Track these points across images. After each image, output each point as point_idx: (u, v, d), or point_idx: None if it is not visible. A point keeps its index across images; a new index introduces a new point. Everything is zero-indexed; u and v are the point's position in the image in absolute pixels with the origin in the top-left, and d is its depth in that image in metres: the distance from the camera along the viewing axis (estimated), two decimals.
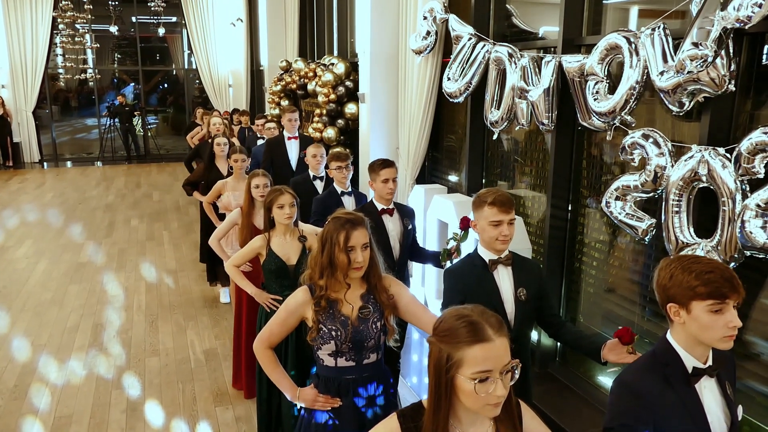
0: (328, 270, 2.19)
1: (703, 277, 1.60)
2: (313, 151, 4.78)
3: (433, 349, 1.44)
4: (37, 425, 3.85)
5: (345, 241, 2.17)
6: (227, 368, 4.48)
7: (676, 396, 1.65)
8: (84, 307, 5.79)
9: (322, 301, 2.23)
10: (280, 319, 2.32)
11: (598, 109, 3.42)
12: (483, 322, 1.41)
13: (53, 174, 13.68)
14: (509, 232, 2.48)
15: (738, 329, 1.61)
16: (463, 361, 1.38)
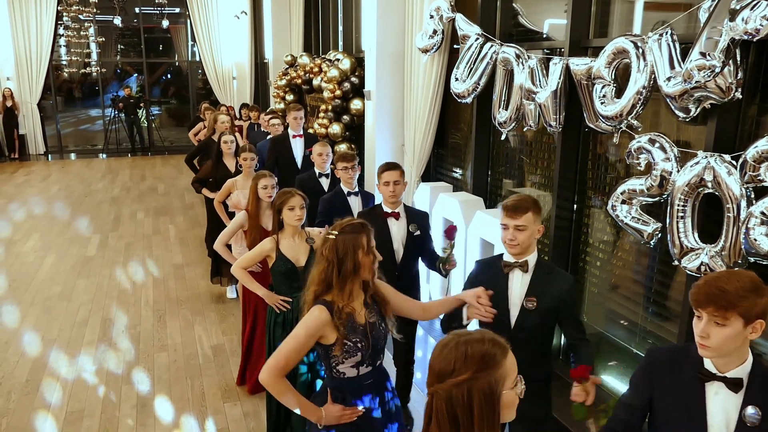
0: (341, 280, 2.19)
1: (695, 286, 1.68)
2: (319, 149, 4.82)
3: (475, 381, 1.37)
4: (50, 420, 3.92)
5: (368, 243, 2.22)
6: (235, 364, 4.54)
7: (680, 384, 1.74)
8: (92, 301, 5.86)
9: (344, 314, 2.22)
10: (299, 344, 2.18)
11: (605, 113, 3.45)
12: (487, 335, 1.45)
13: (58, 166, 13.73)
14: (514, 237, 2.52)
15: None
16: (506, 374, 1.41)
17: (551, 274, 2.55)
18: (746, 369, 1.70)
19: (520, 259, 2.55)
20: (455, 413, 1.36)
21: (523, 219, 2.49)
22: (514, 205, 2.52)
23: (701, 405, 1.73)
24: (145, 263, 6.97)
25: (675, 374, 1.78)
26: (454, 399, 1.36)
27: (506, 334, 2.63)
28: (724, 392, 1.71)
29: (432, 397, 1.40)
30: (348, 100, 7.12)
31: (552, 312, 2.55)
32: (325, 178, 4.89)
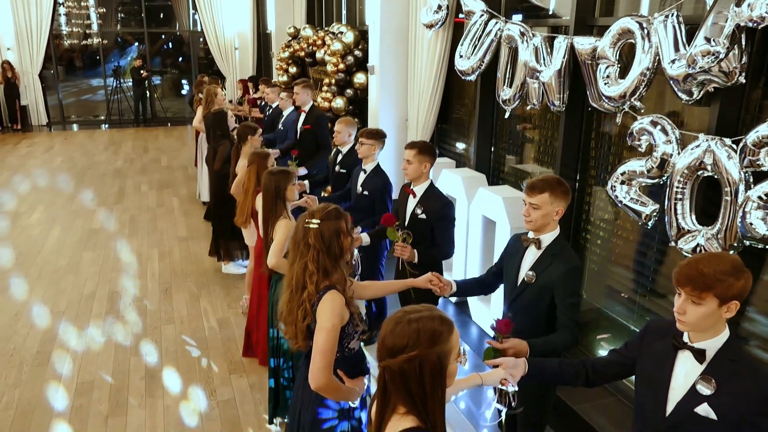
0: (333, 263, 2.25)
1: (678, 266, 1.82)
2: (337, 126, 4.87)
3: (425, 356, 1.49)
4: (61, 390, 4.03)
5: (347, 226, 2.31)
6: (240, 337, 4.64)
7: (661, 350, 1.94)
8: (99, 274, 5.94)
9: (349, 292, 2.30)
10: (334, 336, 2.21)
11: (608, 93, 3.47)
12: (435, 312, 1.57)
13: (61, 138, 13.73)
14: (528, 214, 2.62)
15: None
16: (452, 349, 1.55)
17: (557, 255, 2.61)
18: (715, 344, 1.84)
19: (537, 236, 2.64)
20: (408, 385, 1.51)
21: (538, 198, 2.56)
22: (532, 183, 2.61)
23: (670, 369, 1.91)
24: (150, 236, 7.04)
25: (660, 341, 1.96)
26: (406, 372, 1.50)
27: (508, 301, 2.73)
28: (690, 361, 1.87)
29: (384, 371, 1.53)
30: (351, 74, 7.10)
31: (547, 290, 2.61)
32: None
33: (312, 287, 2.22)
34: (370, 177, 4.26)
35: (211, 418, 3.74)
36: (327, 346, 2.18)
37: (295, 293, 2.26)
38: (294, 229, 2.33)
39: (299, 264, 2.25)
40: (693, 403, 1.85)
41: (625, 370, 2.13)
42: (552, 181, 2.61)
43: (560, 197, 2.59)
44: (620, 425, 3.64)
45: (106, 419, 3.73)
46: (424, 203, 3.61)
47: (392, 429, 1.53)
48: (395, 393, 1.53)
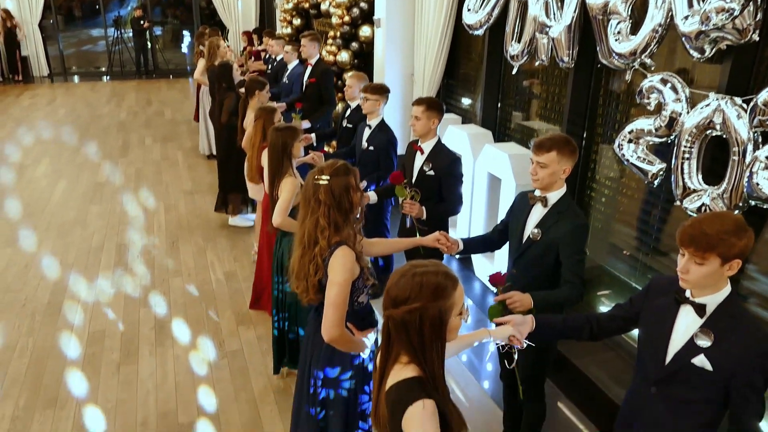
0: (343, 219, 2.28)
1: (682, 226, 1.85)
2: (349, 81, 4.84)
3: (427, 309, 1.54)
4: (74, 339, 4.13)
5: (356, 182, 2.33)
6: (247, 290, 4.72)
7: (663, 304, 2.00)
8: (106, 227, 6.00)
9: (359, 246, 2.34)
10: (346, 291, 2.25)
11: (618, 50, 3.43)
12: (441, 268, 1.61)
13: (63, 89, 13.62)
14: (535, 172, 2.63)
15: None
16: (454, 304, 1.59)
17: (563, 213, 2.62)
18: (716, 299, 1.89)
19: (544, 194, 2.66)
20: (408, 335, 1.56)
21: (545, 157, 2.57)
22: (539, 142, 2.61)
23: (671, 323, 1.97)
24: (156, 190, 7.07)
25: (663, 297, 2.02)
26: (408, 323, 1.55)
27: (512, 258, 2.78)
28: (691, 315, 1.93)
29: (387, 320, 1.59)
30: (357, 27, 6.98)
31: (553, 247, 2.64)
32: None
33: (324, 242, 2.25)
34: (374, 132, 4.26)
35: (220, 367, 3.84)
36: (339, 300, 2.23)
37: (308, 249, 2.30)
38: (304, 186, 2.34)
39: (311, 220, 2.29)
40: (690, 354, 1.92)
41: (628, 324, 2.19)
42: (560, 139, 2.60)
43: (567, 156, 2.59)
44: (618, 379, 3.73)
45: (118, 367, 3.84)
46: (432, 159, 3.62)
47: (394, 377, 1.60)
48: (398, 342, 1.59)
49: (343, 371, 2.41)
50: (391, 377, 1.60)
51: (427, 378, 1.57)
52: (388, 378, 1.61)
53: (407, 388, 1.55)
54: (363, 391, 2.46)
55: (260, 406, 3.47)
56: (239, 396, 3.57)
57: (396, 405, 1.55)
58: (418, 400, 1.52)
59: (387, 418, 1.59)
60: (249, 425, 3.34)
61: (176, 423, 3.35)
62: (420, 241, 2.88)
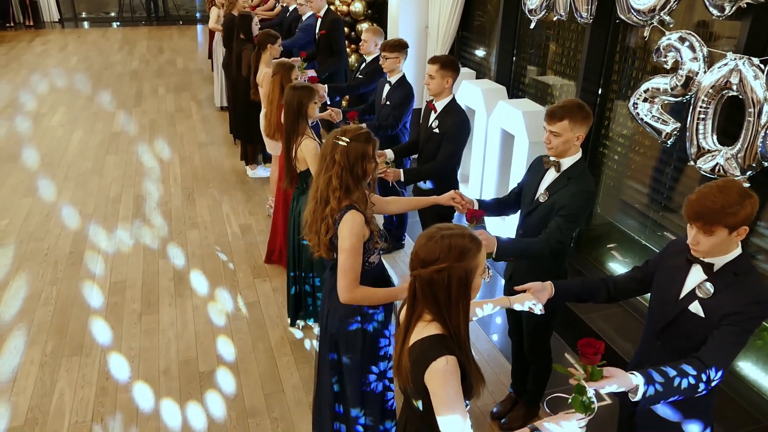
0: (355, 183, 2.34)
1: (687, 200, 1.90)
2: (364, 35, 4.80)
3: (455, 269, 1.62)
4: (96, 289, 4.28)
5: (373, 152, 2.38)
6: (262, 243, 4.83)
7: (676, 264, 2.09)
8: (123, 177, 6.09)
9: (369, 210, 2.40)
10: (357, 253, 2.33)
11: (637, 6, 3.37)
12: (471, 233, 1.69)
13: (75, 36, 13.52)
14: (549, 141, 2.63)
15: None
16: (478, 265, 1.69)
17: (572, 178, 2.64)
18: (725, 260, 1.97)
19: (558, 159, 2.67)
20: (435, 293, 1.65)
21: (557, 126, 2.56)
22: (551, 110, 2.60)
23: (681, 280, 2.06)
24: (170, 141, 7.12)
25: (676, 257, 2.10)
26: (435, 281, 1.64)
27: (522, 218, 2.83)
28: (700, 274, 2.01)
29: (415, 279, 1.68)
30: None
31: (554, 210, 2.65)
32: None
33: (335, 203, 2.32)
34: (394, 88, 4.23)
35: (238, 318, 3.98)
36: (349, 265, 2.32)
37: (320, 205, 2.37)
38: (324, 142, 2.40)
39: (324, 177, 2.35)
40: (688, 302, 2.02)
41: (644, 287, 2.26)
42: (572, 106, 2.58)
43: (580, 122, 2.58)
44: (624, 333, 3.83)
45: (140, 316, 3.99)
46: (442, 118, 3.62)
47: (417, 335, 1.69)
48: (423, 300, 1.68)
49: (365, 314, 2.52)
50: (415, 334, 1.70)
51: (450, 335, 1.67)
52: (412, 335, 1.71)
53: (431, 345, 1.65)
54: (383, 334, 2.58)
55: (277, 357, 3.62)
56: (257, 346, 3.71)
57: (420, 360, 1.65)
58: (442, 356, 1.61)
59: (409, 372, 1.69)
60: (267, 375, 3.49)
61: (197, 371, 3.51)
62: (435, 200, 2.93)
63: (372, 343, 2.52)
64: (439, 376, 1.60)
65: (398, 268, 4.47)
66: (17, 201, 5.58)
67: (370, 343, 2.52)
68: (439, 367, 1.60)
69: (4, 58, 11.13)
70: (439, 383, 1.60)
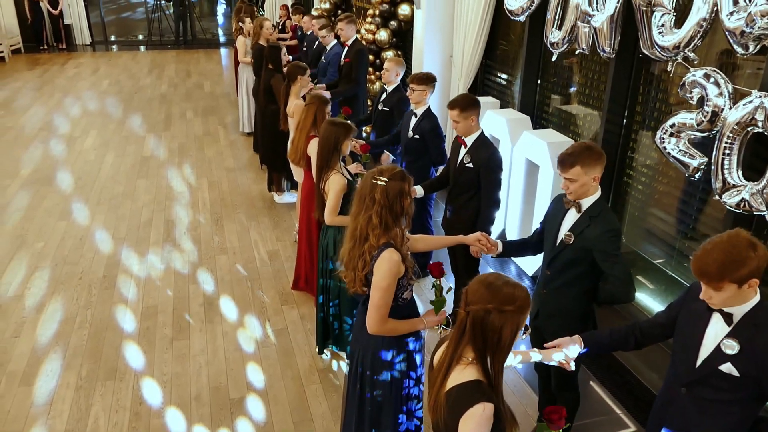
0: (394, 220, 2.43)
1: (694, 257, 1.96)
2: (386, 65, 4.91)
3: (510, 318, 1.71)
4: (129, 313, 4.40)
5: (409, 187, 2.48)
6: (290, 269, 4.92)
7: (698, 310, 2.11)
8: (154, 202, 6.25)
9: (405, 248, 2.49)
10: (390, 289, 2.40)
11: (662, 42, 3.43)
12: (525, 289, 1.78)
13: (105, 59, 13.90)
14: (566, 186, 2.68)
15: None
16: (524, 320, 1.77)
17: (595, 217, 2.68)
18: (743, 309, 2.00)
19: (578, 199, 2.72)
20: (486, 333, 1.72)
21: (571, 173, 2.61)
22: (562, 159, 2.64)
23: (703, 328, 2.10)
24: (199, 166, 7.29)
25: (699, 302, 2.11)
26: (490, 322, 1.71)
27: (546, 261, 2.87)
28: (721, 323, 2.05)
29: (468, 315, 1.74)
30: (396, 5, 6.99)
31: (585, 252, 2.69)
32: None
33: (374, 240, 2.41)
34: (420, 120, 4.32)
35: (267, 345, 4.06)
36: (382, 302, 2.41)
37: (358, 243, 2.46)
38: (361, 183, 2.50)
39: (364, 216, 2.44)
40: (718, 361, 2.04)
41: (669, 331, 2.30)
42: (581, 151, 2.61)
43: (593, 164, 2.61)
44: (650, 364, 3.83)
45: (171, 342, 4.09)
46: (473, 152, 3.69)
47: (455, 379, 1.76)
48: (472, 337, 1.74)
49: (397, 354, 2.59)
50: (453, 377, 1.76)
51: (489, 381, 1.74)
52: (450, 377, 1.77)
53: (470, 391, 1.72)
54: (409, 376, 2.65)
55: (305, 385, 3.69)
56: (285, 374, 3.78)
57: (458, 405, 1.71)
58: (479, 403, 1.68)
59: (445, 413, 1.75)
60: (295, 402, 3.56)
61: (227, 398, 3.59)
62: (462, 239, 3.00)
63: (398, 388, 2.61)
64: (474, 420, 1.67)
65: (423, 296, 4.52)
66: (53, 224, 5.75)
67: (397, 388, 2.60)
68: (476, 412, 1.67)
69: (39, 80, 11.49)
70: (473, 427, 1.67)
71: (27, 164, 7.25)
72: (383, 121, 5.05)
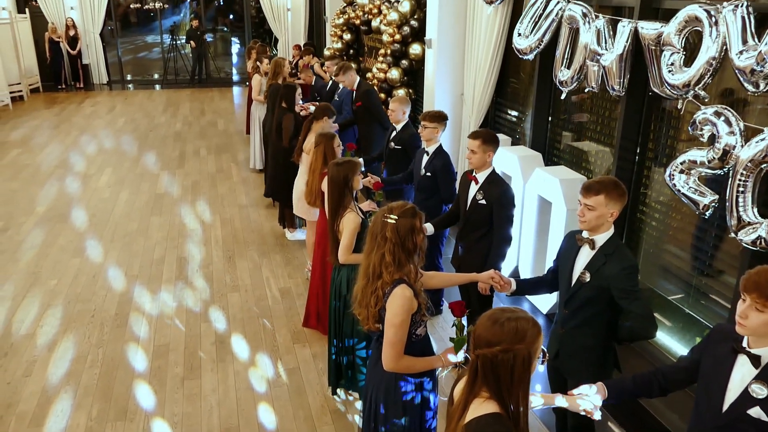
0: (407, 257, 2.44)
1: (748, 272, 1.93)
2: (392, 105, 4.98)
3: (519, 351, 1.71)
4: (140, 352, 4.38)
5: (420, 225, 2.50)
6: (302, 307, 4.90)
7: (722, 352, 2.06)
8: (167, 239, 6.29)
9: (419, 284, 2.50)
10: (404, 326, 2.41)
11: (672, 81, 3.44)
12: (533, 318, 1.77)
13: (122, 97, 14.19)
14: (582, 214, 2.69)
15: None
16: (537, 348, 1.77)
17: (611, 255, 2.66)
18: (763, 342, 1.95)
19: (591, 235, 2.71)
20: (498, 373, 1.72)
21: (593, 200, 2.62)
22: (588, 184, 2.67)
23: (728, 372, 2.04)
24: (212, 203, 7.35)
25: (722, 345, 2.08)
26: (499, 362, 1.71)
27: (563, 300, 2.85)
28: (747, 365, 1.99)
29: (478, 358, 1.74)
30: (407, 45, 7.12)
31: (603, 290, 2.67)
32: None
33: (387, 276, 2.43)
34: (432, 158, 4.35)
35: (278, 384, 4.02)
36: (396, 339, 2.41)
37: (372, 281, 2.47)
38: (372, 221, 2.52)
39: (377, 254, 2.46)
40: (746, 405, 1.98)
41: (694, 376, 2.25)
42: (609, 183, 2.65)
43: (616, 199, 2.64)
44: (674, 408, 3.74)
45: (183, 381, 4.06)
46: (485, 189, 3.70)
47: (474, 412, 1.76)
48: (484, 379, 1.75)
49: (412, 392, 2.58)
50: (471, 411, 1.77)
51: (507, 414, 1.73)
52: (468, 411, 1.77)
53: (489, 423, 1.72)
54: (423, 414, 2.63)
55: (318, 426, 3.63)
56: (297, 414, 3.73)
57: None
58: None
59: None
60: None
61: None
62: (475, 277, 2.99)
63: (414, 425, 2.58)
64: None
65: (436, 334, 4.48)
66: (66, 261, 5.79)
67: (412, 425, 2.58)
68: None
69: (56, 119, 11.73)
70: None
71: (43, 201, 7.35)
72: (396, 159, 5.09)
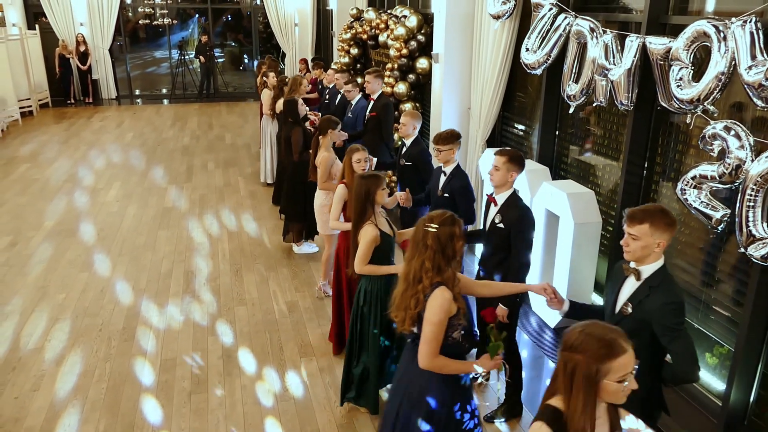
0: (446, 263, 2.53)
1: None
2: (403, 119, 4.98)
3: (580, 363, 1.76)
4: (147, 366, 4.38)
5: (459, 230, 2.59)
6: (309, 320, 4.90)
7: None
8: (174, 253, 6.30)
9: (457, 288, 2.58)
10: (441, 326, 2.50)
11: (681, 96, 3.44)
12: (618, 338, 1.78)
13: (130, 112, 14.30)
14: (627, 243, 2.56)
15: None
16: (611, 370, 1.76)
17: (655, 288, 2.52)
18: None
19: (638, 266, 2.59)
20: (563, 376, 1.80)
21: (637, 229, 2.49)
22: (632, 213, 2.54)
23: None
24: (219, 216, 7.37)
25: None
26: (562, 367, 1.80)
27: None
28: None
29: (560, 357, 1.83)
30: (414, 59, 7.16)
31: (645, 324, 2.53)
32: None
33: (427, 281, 2.53)
34: (450, 179, 4.25)
35: (285, 399, 4.00)
36: (432, 337, 2.51)
37: (412, 285, 2.57)
38: (414, 229, 2.62)
39: (417, 261, 2.56)
40: None
41: None
42: (654, 211, 2.51)
43: (662, 229, 2.48)
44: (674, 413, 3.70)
45: (190, 395, 4.05)
46: (504, 212, 3.60)
47: None
48: (559, 379, 1.82)
49: (447, 397, 2.64)
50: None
51: (566, 415, 1.78)
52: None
53: (545, 412, 1.83)
54: (465, 409, 2.70)
55: None
56: (304, 429, 3.71)
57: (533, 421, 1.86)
58: (541, 422, 1.77)
59: None
60: None
61: None
62: (528, 287, 2.99)
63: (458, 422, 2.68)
64: None
65: None
66: (74, 275, 5.81)
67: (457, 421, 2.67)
68: (534, 428, 1.80)
69: (65, 134, 11.82)
70: None
71: (51, 216, 7.39)
72: (409, 176, 5.07)
